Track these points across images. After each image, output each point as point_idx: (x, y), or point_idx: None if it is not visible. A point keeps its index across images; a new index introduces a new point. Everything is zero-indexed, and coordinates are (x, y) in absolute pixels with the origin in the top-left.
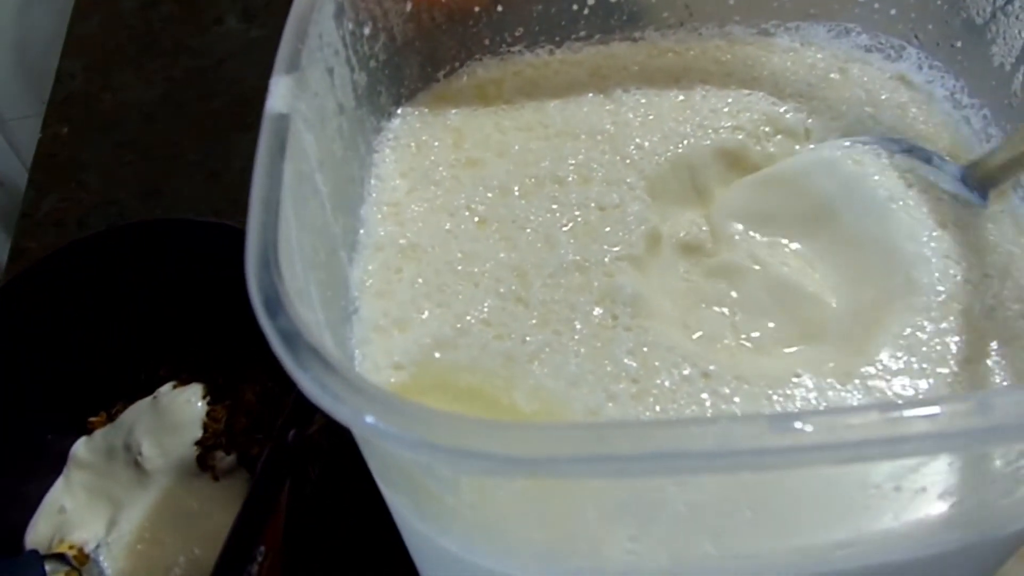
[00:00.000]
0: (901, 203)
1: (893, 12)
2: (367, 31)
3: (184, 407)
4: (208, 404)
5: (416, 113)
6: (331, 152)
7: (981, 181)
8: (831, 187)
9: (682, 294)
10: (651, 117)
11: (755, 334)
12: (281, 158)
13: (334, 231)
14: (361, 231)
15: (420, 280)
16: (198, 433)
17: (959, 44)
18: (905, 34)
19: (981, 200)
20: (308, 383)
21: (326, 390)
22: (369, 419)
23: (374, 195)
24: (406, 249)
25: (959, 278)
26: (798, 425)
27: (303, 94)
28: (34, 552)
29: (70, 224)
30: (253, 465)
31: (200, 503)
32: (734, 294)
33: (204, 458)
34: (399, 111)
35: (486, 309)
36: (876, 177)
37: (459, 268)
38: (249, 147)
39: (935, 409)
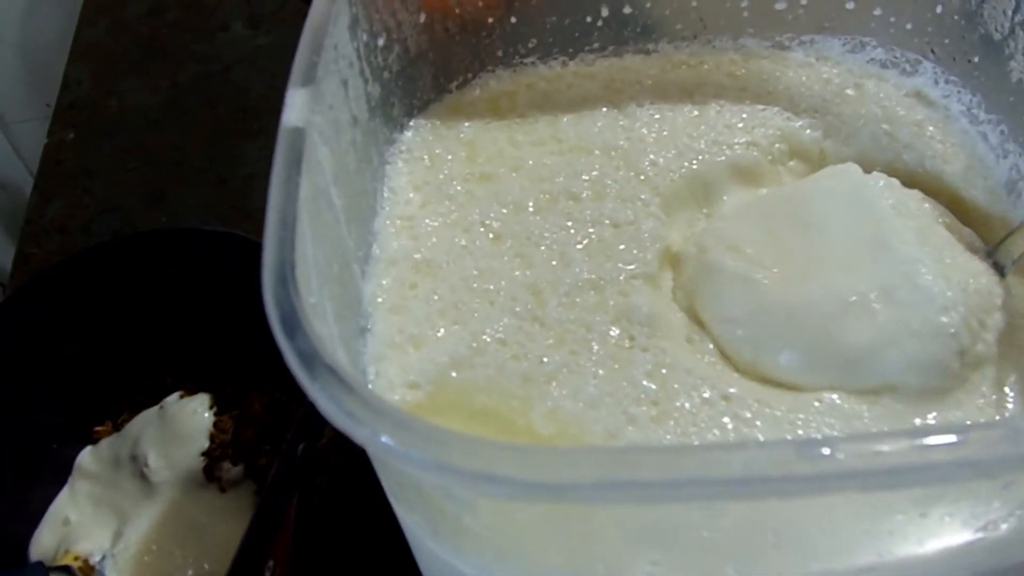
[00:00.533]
0: (899, 213)
1: (909, 26)
2: (381, 42)
3: (191, 417)
4: (215, 414)
5: (428, 125)
6: (345, 165)
7: (1001, 260)
8: (832, 186)
9: (681, 310)
10: (665, 133)
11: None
12: (298, 172)
13: (347, 244)
14: (374, 245)
15: (435, 296)
16: (205, 444)
17: (976, 59)
18: (921, 48)
19: (1000, 274)
20: (325, 402)
21: (343, 409)
22: (387, 440)
23: (387, 208)
24: (420, 264)
25: (970, 286)
26: (826, 451)
27: (319, 107)
28: (39, 564)
29: (75, 230)
30: (260, 476)
31: (207, 515)
32: (675, 288)
33: (211, 469)
34: (411, 123)
35: (502, 328)
36: (882, 184)
37: (474, 285)
38: (255, 154)
39: (964, 436)
